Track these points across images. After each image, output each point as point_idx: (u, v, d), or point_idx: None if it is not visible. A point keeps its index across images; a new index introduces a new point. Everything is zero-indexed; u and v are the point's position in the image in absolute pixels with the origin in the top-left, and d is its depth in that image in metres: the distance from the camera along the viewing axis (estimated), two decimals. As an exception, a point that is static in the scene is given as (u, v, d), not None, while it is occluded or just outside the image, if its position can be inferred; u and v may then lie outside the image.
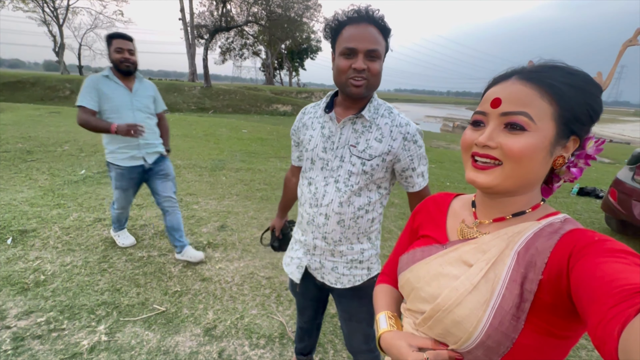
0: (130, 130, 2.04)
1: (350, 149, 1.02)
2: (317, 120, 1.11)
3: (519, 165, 0.51)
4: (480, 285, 0.51)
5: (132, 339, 1.76)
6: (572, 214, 4.28)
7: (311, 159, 1.10)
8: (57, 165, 4.57)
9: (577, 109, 0.50)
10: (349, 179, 1.03)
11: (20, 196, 3.43)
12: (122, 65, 2.13)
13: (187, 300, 2.09)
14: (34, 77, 19.07)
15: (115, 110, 2.12)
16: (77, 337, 1.74)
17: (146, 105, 2.26)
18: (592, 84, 0.51)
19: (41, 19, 28.77)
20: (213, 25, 23.72)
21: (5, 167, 4.32)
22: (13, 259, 2.36)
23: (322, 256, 1.13)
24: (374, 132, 1.01)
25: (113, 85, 2.14)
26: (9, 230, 2.72)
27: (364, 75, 0.93)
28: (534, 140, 0.50)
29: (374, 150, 1.00)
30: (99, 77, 2.12)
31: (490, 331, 0.49)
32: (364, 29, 0.92)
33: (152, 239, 2.80)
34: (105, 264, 2.39)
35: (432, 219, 0.70)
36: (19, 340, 1.68)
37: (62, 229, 2.84)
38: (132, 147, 2.21)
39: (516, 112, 0.51)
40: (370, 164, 1.00)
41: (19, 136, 5.97)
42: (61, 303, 1.97)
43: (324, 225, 1.07)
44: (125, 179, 2.28)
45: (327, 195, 1.05)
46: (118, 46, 2.10)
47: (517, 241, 0.52)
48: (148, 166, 2.30)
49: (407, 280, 0.63)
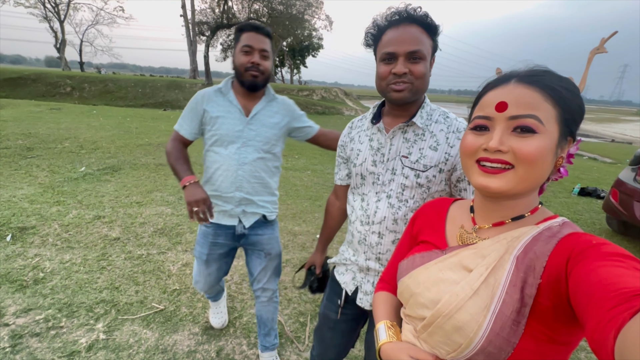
0: (193, 209, 1.23)
1: (402, 160, 0.93)
2: (365, 132, 1.03)
3: (532, 167, 0.51)
4: (481, 290, 0.51)
5: (131, 337, 1.76)
6: (573, 214, 4.27)
7: (361, 174, 1.01)
8: (57, 162, 4.57)
9: (574, 111, 0.53)
10: (402, 193, 0.93)
11: (20, 193, 3.43)
12: (247, 75, 1.31)
13: (185, 299, 2.09)
14: (35, 73, 19.05)
15: (219, 141, 1.37)
16: (75, 335, 1.74)
17: (265, 139, 1.39)
18: (576, 87, 0.54)
19: (42, 15, 28.72)
20: (214, 22, 23.65)
21: (5, 164, 4.32)
22: (12, 256, 2.36)
23: (377, 277, 1.00)
24: (428, 140, 0.91)
25: (224, 104, 1.38)
26: (9, 227, 2.72)
27: (405, 80, 0.86)
28: (545, 143, 0.51)
29: (428, 160, 0.90)
30: (210, 92, 1.40)
31: (491, 336, 0.49)
32: (403, 31, 0.85)
33: (152, 237, 2.80)
34: (104, 262, 2.39)
35: (431, 225, 0.70)
36: (17, 337, 1.68)
37: (62, 226, 2.83)
38: (225, 198, 1.41)
39: (525, 115, 0.51)
40: (425, 176, 0.90)
41: (19, 133, 5.97)
42: (60, 301, 1.97)
43: (377, 244, 0.97)
44: (208, 242, 1.47)
45: (379, 212, 0.95)
46: (247, 43, 1.30)
47: (516, 246, 0.52)
48: (241, 231, 1.46)
49: (407, 286, 0.63)
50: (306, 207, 3.75)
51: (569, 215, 4.16)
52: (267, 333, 1.66)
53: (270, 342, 1.67)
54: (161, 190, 3.88)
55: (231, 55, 1.38)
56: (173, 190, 3.88)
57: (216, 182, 1.40)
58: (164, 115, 11.23)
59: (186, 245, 2.72)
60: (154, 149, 5.81)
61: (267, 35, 1.33)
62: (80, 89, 18.31)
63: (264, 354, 1.68)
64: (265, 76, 1.34)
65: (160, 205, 3.45)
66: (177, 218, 3.18)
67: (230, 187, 1.38)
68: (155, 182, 4.15)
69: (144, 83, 19.90)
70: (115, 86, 19.01)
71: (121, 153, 5.33)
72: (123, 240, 2.71)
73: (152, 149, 5.76)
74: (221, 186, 1.39)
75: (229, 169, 1.37)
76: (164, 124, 8.80)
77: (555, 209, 4.37)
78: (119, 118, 9.13)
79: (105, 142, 5.89)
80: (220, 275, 1.61)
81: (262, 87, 1.37)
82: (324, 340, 1.18)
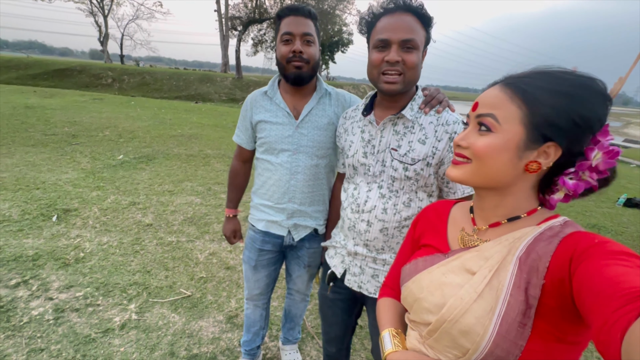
0: (231, 237, 1.44)
1: (391, 153, 0.93)
2: (357, 124, 1.04)
3: (482, 163, 0.54)
4: (485, 293, 0.51)
5: (160, 319, 1.84)
6: (617, 226, 3.96)
7: (352, 165, 1.03)
8: (98, 150, 4.87)
9: (552, 114, 0.49)
10: (392, 184, 0.95)
11: (65, 177, 3.69)
12: (289, 68, 1.15)
13: (211, 287, 2.16)
14: (80, 65, 20.35)
15: (269, 149, 1.25)
16: (110, 313, 1.85)
17: (318, 144, 1.22)
18: (587, 90, 0.49)
19: (89, 10, 30.60)
20: (247, 17, 24.06)
21: (53, 149, 4.66)
22: (57, 235, 2.55)
23: (364, 261, 1.04)
24: (417, 133, 0.91)
25: (271, 108, 1.23)
26: (55, 209, 2.93)
27: (398, 69, 0.85)
28: (497, 141, 0.52)
29: (416, 153, 0.90)
30: (257, 95, 1.26)
31: (498, 340, 0.48)
32: (398, 18, 0.85)
33: (182, 225, 2.91)
34: (138, 246, 2.52)
35: (432, 228, 0.70)
36: (60, 311, 1.81)
37: (101, 210, 3.02)
38: (277, 209, 1.30)
39: (485, 114, 0.54)
40: (413, 169, 0.91)
41: (65, 121, 6.41)
42: (97, 280, 2.10)
43: (366, 232, 0.98)
44: (255, 248, 1.37)
45: (370, 201, 0.97)
46: (286, 30, 1.12)
47: (518, 247, 0.52)
48: (289, 242, 1.35)
49: (410, 291, 0.62)
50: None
51: (613, 227, 3.87)
52: (292, 327, 1.68)
53: (294, 336, 1.70)
54: (191, 180, 4.02)
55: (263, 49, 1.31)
56: (203, 181, 4.01)
57: (267, 192, 1.30)
58: (196, 108, 11.61)
59: (213, 235, 2.81)
60: (185, 140, 6.04)
61: (309, 15, 1.14)
62: (120, 80, 19.35)
63: (286, 346, 1.71)
64: (311, 65, 1.15)
65: (190, 194, 3.58)
66: (205, 208, 3.29)
67: (282, 198, 1.27)
68: (186, 172, 4.31)
69: (178, 76, 20.68)
70: (151, 78, 19.90)
71: (156, 143, 5.58)
72: (155, 226, 2.85)
73: (184, 140, 5.98)
74: (272, 197, 1.29)
75: (281, 179, 1.25)
76: (196, 116, 9.10)
77: (597, 220, 4.08)
78: (155, 109, 9.56)
79: (141, 132, 6.20)
80: (270, 282, 1.48)
81: (309, 79, 1.18)
82: (327, 318, 1.24)
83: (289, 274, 1.52)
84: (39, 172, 3.74)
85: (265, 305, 1.55)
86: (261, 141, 1.26)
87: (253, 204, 1.39)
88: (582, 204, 4.62)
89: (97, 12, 31.02)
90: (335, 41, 37.97)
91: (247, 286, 1.50)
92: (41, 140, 5.02)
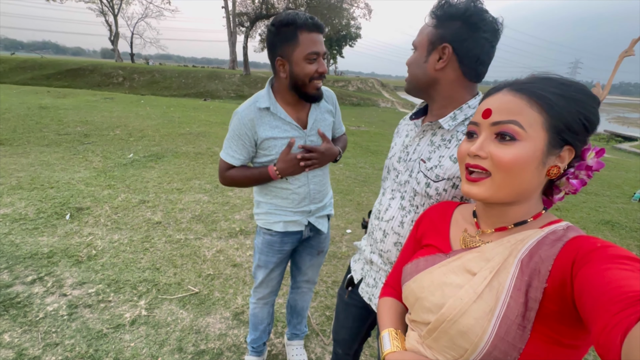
0: (302, 165, 1.21)
1: (419, 164, 0.86)
2: (407, 127, 0.98)
3: (508, 175, 0.52)
4: (485, 294, 0.51)
5: (169, 315, 1.89)
6: (632, 222, 3.86)
7: (388, 167, 1.00)
8: (109, 149, 4.97)
9: (569, 118, 0.51)
10: (414, 198, 0.88)
11: (78, 176, 3.79)
12: (311, 87, 1.13)
13: (218, 284, 2.20)
14: (92, 64, 20.70)
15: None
16: (121, 309, 1.91)
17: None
18: (586, 95, 0.52)
19: (99, 10, 31.02)
20: (254, 13, 24.02)
21: (66, 149, 4.78)
22: (70, 233, 2.63)
23: (378, 274, 0.98)
24: (452, 149, 0.81)
25: (277, 124, 1.19)
26: (68, 207, 3.02)
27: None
28: (525, 150, 0.51)
29: (443, 170, 0.81)
30: (254, 111, 1.17)
31: (496, 341, 0.48)
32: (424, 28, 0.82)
33: (190, 223, 2.96)
34: (147, 244, 2.58)
35: (435, 228, 0.70)
36: (73, 307, 1.88)
37: (112, 208, 3.10)
38: (297, 212, 1.32)
39: (506, 121, 0.52)
40: (435, 187, 0.82)
41: (78, 120, 6.56)
42: (109, 277, 2.16)
43: (381, 241, 0.94)
44: (274, 250, 1.37)
45: (390, 211, 0.92)
46: (314, 50, 1.08)
47: (521, 249, 0.52)
48: (308, 234, 1.40)
49: (411, 290, 0.62)
50: (337, 201, 3.75)
51: (627, 224, 3.77)
52: (300, 322, 1.71)
53: (302, 330, 1.73)
54: (199, 178, 4.08)
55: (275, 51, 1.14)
56: (210, 179, 4.07)
57: (285, 200, 1.29)
58: (204, 105, 11.72)
59: (220, 232, 2.86)
60: (194, 138, 6.11)
61: (323, 31, 1.14)
62: (130, 79, 19.63)
63: (293, 341, 1.74)
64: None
65: (198, 192, 3.64)
66: (213, 206, 3.34)
67: (301, 202, 1.31)
68: (195, 170, 4.37)
69: (186, 74, 20.85)
70: (161, 76, 20.13)
71: (165, 141, 5.66)
72: (164, 224, 2.91)
73: (193, 138, 6.06)
74: (292, 203, 1.30)
75: (300, 187, 1.27)
76: (204, 114, 9.19)
77: (611, 216, 3.98)
78: (164, 107, 9.69)
79: (150, 131, 6.30)
80: (281, 279, 1.51)
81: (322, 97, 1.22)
82: (339, 318, 1.20)
83: (298, 267, 1.55)
84: (52, 172, 3.85)
85: (272, 302, 1.59)
86: (271, 157, 1.22)
87: (264, 210, 1.34)
88: (595, 200, 4.51)
89: (107, 11, 31.44)
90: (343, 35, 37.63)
91: (258, 289, 1.49)
92: (55, 140, 5.16)
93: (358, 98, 20.11)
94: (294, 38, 1.06)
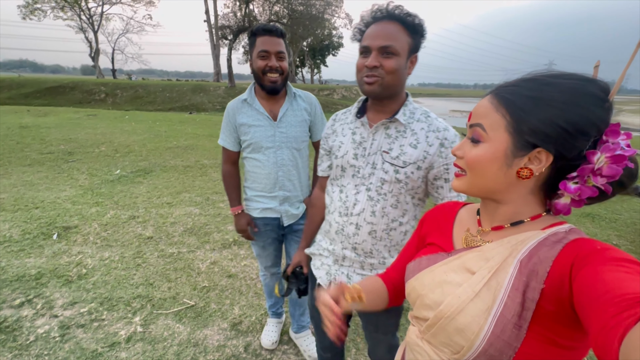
0: (247, 230, 1.58)
1: (382, 156, 0.96)
2: (348, 126, 1.06)
3: (474, 173, 0.56)
4: (482, 292, 0.52)
5: (165, 330, 1.87)
6: (611, 214, 4.02)
7: (341, 166, 1.05)
8: (95, 166, 4.89)
9: (535, 121, 0.50)
10: (381, 187, 0.97)
11: (64, 194, 3.71)
12: (266, 80, 1.36)
13: (214, 296, 2.19)
14: (72, 81, 20.35)
15: (255, 148, 1.47)
16: (115, 327, 1.87)
17: (295, 138, 1.47)
18: (572, 93, 0.48)
19: (78, 27, 30.67)
20: (236, 26, 24.21)
21: (50, 168, 4.68)
22: (58, 253, 2.57)
23: (351, 268, 1.06)
24: (409, 138, 0.95)
25: (252, 113, 1.44)
26: (55, 227, 2.95)
27: (376, 73, 0.90)
28: (486, 151, 0.54)
29: (408, 156, 0.94)
30: (237, 103, 1.46)
31: (492, 339, 0.49)
32: (381, 26, 0.90)
33: (182, 236, 2.94)
34: (140, 259, 2.55)
35: (438, 227, 0.71)
36: (65, 328, 1.83)
37: (101, 226, 3.04)
38: (270, 197, 1.54)
39: (474, 124, 0.56)
40: (404, 172, 0.94)
41: (61, 138, 6.43)
42: (101, 295, 2.12)
43: (354, 235, 1.01)
44: (258, 234, 1.62)
45: (358, 204, 0.99)
46: (263, 48, 1.33)
47: (521, 250, 0.52)
48: (287, 222, 1.60)
49: (413, 287, 0.64)
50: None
51: (606, 215, 3.93)
52: (302, 313, 1.83)
53: (306, 320, 1.84)
54: (189, 191, 4.05)
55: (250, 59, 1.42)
56: (200, 192, 4.04)
57: (260, 184, 1.53)
58: (190, 119, 11.65)
59: (214, 244, 2.84)
60: (181, 151, 6.07)
61: (280, 35, 1.37)
62: (113, 95, 19.36)
63: (300, 333, 1.84)
64: (283, 77, 1.40)
65: (189, 205, 3.61)
66: (204, 218, 3.32)
67: (273, 187, 1.52)
68: (184, 183, 4.34)
69: (170, 87, 20.72)
70: (144, 91, 19.93)
71: (152, 156, 5.60)
72: (156, 239, 2.87)
73: (180, 152, 6.01)
74: (265, 188, 1.52)
75: (270, 173, 1.49)
76: (191, 127, 9.14)
77: (590, 208, 4.14)
78: (149, 122, 9.58)
79: (137, 146, 6.22)
80: (279, 255, 1.75)
81: (282, 88, 1.43)
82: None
83: (289, 255, 1.70)
84: (37, 192, 3.76)
85: (278, 273, 1.80)
86: (247, 143, 1.47)
87: (247, 197, 1.62)
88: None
89: (87, 28, 31.12)
90: (326, 45, 38.27)
91: (261, 261, 1.74)
92: (37, 159, 5.04)
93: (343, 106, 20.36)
94: (254, 42, 1.37)
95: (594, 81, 0.49)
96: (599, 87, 0.48)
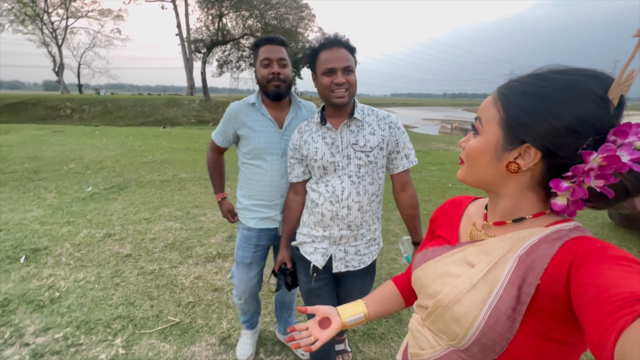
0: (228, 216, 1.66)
1: (353, 147, 1.20)
2: (317, 133, 1.26)
3: (469, 163, 0.60)
4: (479, 285, 0.54)
5: (149, 351, 1.78)
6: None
7: (322, 166, 1.24)
8: (64, 184, 4.63)
9: (523, 116, 0.50)
10: (359, 171, 1.21)
11: (30, 215, 3.48)
12: (270, 86, 1.40)
13: (200, 311, 2.12)
14: (35, 97, 19.31)
15: (258, 154, 1.46)
16: (94, 351, 1.76)
17: None
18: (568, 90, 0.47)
19: (41, 41, 29.30)
20: (210, 39, 24.07)
21: (13, 188, 4.38)
22: (27, 277, 2.40)
23: (347, 244, 1.27)
24: (367, 129, 1.22)
25: (258, 118, 1.46)
26: (22, 249, 2.76)
27: (344, 87, 1.15)
28: (479, 143, 0.57)
29: (371, 143, 1.20)
30: (243, 104, 1.47)
31: (485, 329, 0.51)
32: (337, 52, 1.15)
33: (163, 252, 2.83)
34: (118, 279, 2.43)
35: (448, 221, 0.74)
36: (38, 357, 1.71)
37: (74, 246, 2.88)
38: (270, 206, 1.51)
39: (476, 118, 0.59)
40: (373, 155, 1.21)
41: (25, 156, 6.06)
42: (77, 318, 2.00)
43: (347, 215, 1.22)
44: (251, 245, 1.56)
45: (345, 190, 1.21)
46: (265, 56, 1.39)
47: (521, 246, 0.53)
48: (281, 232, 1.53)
49: (418, 277, 0.68)
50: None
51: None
52: (289, 314, 1.88)
53: (292, 322, 1.89)
54: (168, 205, 3.93)
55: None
56: (180, 206, 3.93)
57: (260, 193, 1.51)
58: (165, 133, 11.35)
59: (197, 258, 2.76)
60: (158, 165, 5.89)
61: (282, 44, 1.41)
62: (80, 110, 18.53)
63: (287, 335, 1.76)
64: (287, 84, 1.43)
65: (168, 220, 3.50)
66: (186, 232, 3.23)
67: (274, 195, 1.50)
68: (162, 198, 4.20)
69: (142, 102, 20.14)
70: (114, 106, 19.25)
71: (126, 171, 5.39)
72: (135, 256, 2.75)
73: (157, 166, 5.83)
74: (266, 196, 1.50)
75: (273, 180, 1.48)
76: (166, 141, 8.89)
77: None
78: (122, 137, 9.24)
79: (110, 162, 5.97)
80: (260, 280, 1.67)
81: (286, 94, 1.45)
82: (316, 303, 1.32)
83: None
84: (0, 213, 3.51)
85: (255, 300, 1.76)
86: (249, 148, 1.47)
87: (242, 206, 1.57)
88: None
89: (50, 42, 29.80)
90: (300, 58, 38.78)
91: (240, 289, 1.64)
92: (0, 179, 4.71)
93: (320, 116, 20.64)
94: (257, 52, 1.43)
95: (597, 77, 0.47)
96: (599, 84, 0.46)
